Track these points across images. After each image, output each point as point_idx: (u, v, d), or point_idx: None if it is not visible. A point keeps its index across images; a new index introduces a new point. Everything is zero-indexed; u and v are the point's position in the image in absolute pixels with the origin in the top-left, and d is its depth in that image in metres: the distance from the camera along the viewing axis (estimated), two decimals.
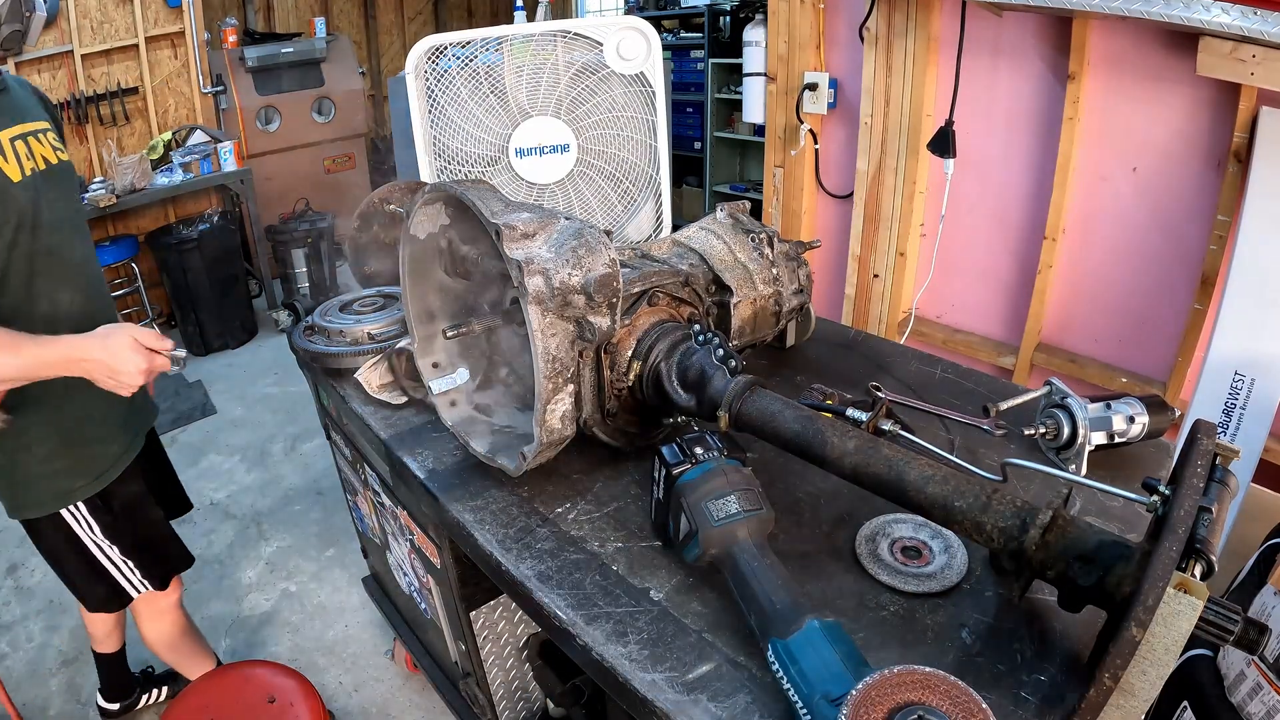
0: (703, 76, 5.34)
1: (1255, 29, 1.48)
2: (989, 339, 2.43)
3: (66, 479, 1.44)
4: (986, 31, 2.11)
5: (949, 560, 0.91)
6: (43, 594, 2.39)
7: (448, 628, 1.54)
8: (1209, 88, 1.78)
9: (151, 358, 1.20)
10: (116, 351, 1.17)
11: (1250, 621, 0.63)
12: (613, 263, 0.95)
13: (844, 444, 0.85)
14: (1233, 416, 1.76)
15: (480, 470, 1.12)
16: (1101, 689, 0.62)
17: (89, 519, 1.50)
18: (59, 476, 1.43)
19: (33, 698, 2.02)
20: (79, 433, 1.42)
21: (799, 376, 1.38)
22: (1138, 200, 2.00)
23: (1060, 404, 1.08)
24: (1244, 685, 1.21)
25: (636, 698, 0.77)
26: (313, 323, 1.48)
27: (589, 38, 1.49)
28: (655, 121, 1.57)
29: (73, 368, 1.17)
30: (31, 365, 1.16)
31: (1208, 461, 0.72)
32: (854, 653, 0.70)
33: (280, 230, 4.38)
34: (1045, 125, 2.11)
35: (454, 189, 0.98)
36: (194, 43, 4.25)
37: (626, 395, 1.06)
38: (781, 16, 2.54)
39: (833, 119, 2.62)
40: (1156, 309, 2.04)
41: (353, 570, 2.40)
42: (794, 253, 1.32)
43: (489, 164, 1.52)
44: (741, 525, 0.83)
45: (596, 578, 0.92)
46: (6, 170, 1.27)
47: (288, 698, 1.40)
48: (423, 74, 1.44)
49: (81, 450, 1.44)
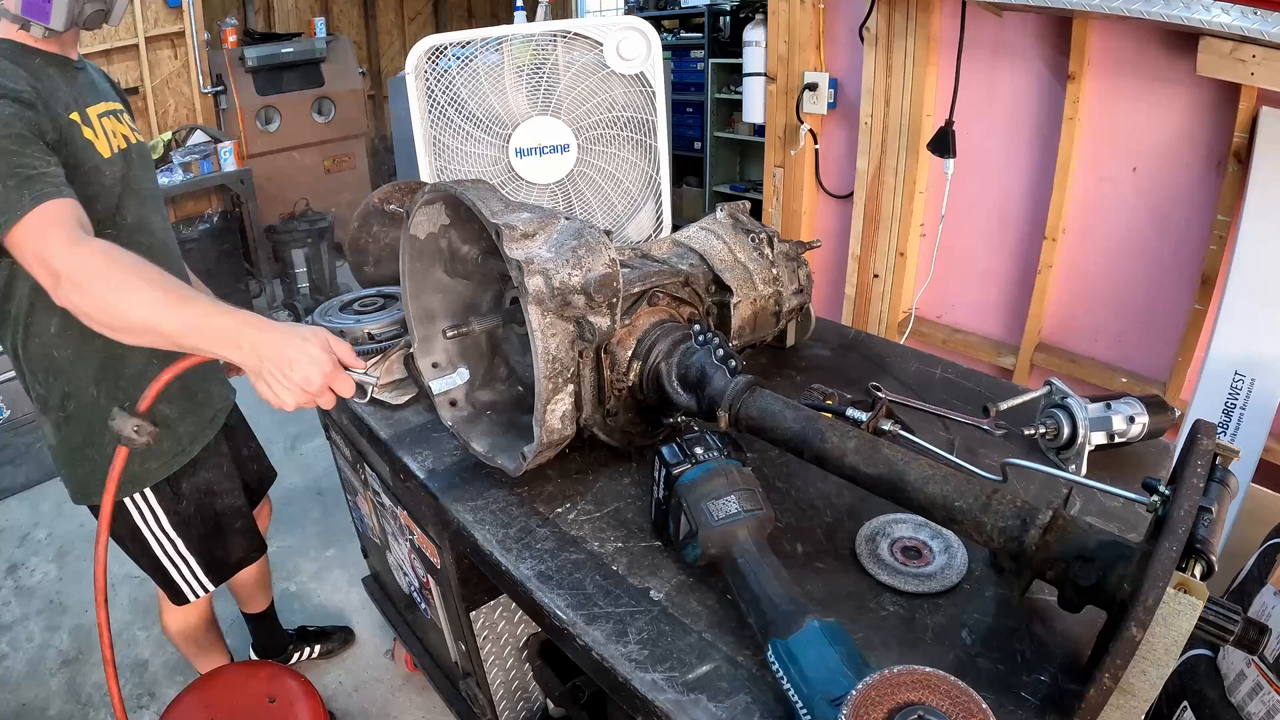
0: (703, 76, 5.34)
1: (1255, 29, 1.48)
2: (989, 339, 2.43)
3: (138, 461, 1.36)
4: (986, 31, 2.11)
5: (949, 560, 0.91)
6: (43, 594, 2.39)
7: (448, 628, 1.54)
8: (1209, 88, 1.78)
9: (337, 371, 0.95)
10: (301, 347, 0.92)
11: (1250, 621, 0.63)
12: (613, 263, 0.95)
13: (844, 444, 0.85)
14: (1233, 416, 1.76)
15: (480, 470, 1.12)
16: (1101, 689, 0.62)
17: (155, 508, 1.43)
18: (129, 460, 1.30)
19: (33, 698, 2.02)
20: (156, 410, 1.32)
21: (799, 376, 1.38)
22: (1138, 200, 2.00)
23: (1060, 404, 1.08)
24: (1244, 685, 1.21)
25: (636, 698, 0.77)
26: (313, 322, 1.48)
27: (589, 38, 1.49)
28: (655, 121, 1.57)
29: (238, 347, 0.93)
30: (193, 327, 0.94)
31: (1208, 461, 0.72)
32: (854, 653, 0.70)
33: (280, 230, 4.38)
34: (1045, 125, 2.11)
35: (454, 189, 0.98)
36: (194, 43, 4.25)
37: (626, 395, 1.06)
38: (781, 16, 2.54)
39: (833, 119, 2.62)
40: (1156, 309, 2.04)
41: (353, 570, 2.40)
42: (794, 253, 1.32)
43: (489, 164, 1.52)
44: (741, 525, 0.83)
45: (596, 578, 0.92)
46: (98, 146, 1.25)
47: (288, 698, 1.40)
48: (423, 74, 1.44)
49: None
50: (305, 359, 0.92)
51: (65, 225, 1.00)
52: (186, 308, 0.94)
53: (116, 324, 0.95)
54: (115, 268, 0.96)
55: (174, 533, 1.47)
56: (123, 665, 2.10)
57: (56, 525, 2.71)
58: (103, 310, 0.95)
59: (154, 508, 1.43)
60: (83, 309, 0.96)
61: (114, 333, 0.96)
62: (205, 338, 0.94)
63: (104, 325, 0.96)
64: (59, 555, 2.56)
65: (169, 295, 0.94)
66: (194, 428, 1.46)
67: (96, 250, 0.98)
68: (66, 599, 2.36)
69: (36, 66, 1.20)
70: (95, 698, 2.01)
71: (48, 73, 1.21)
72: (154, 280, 0.95)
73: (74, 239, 0.99)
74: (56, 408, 1.33)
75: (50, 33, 1.20)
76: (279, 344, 0.92)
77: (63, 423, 1.34)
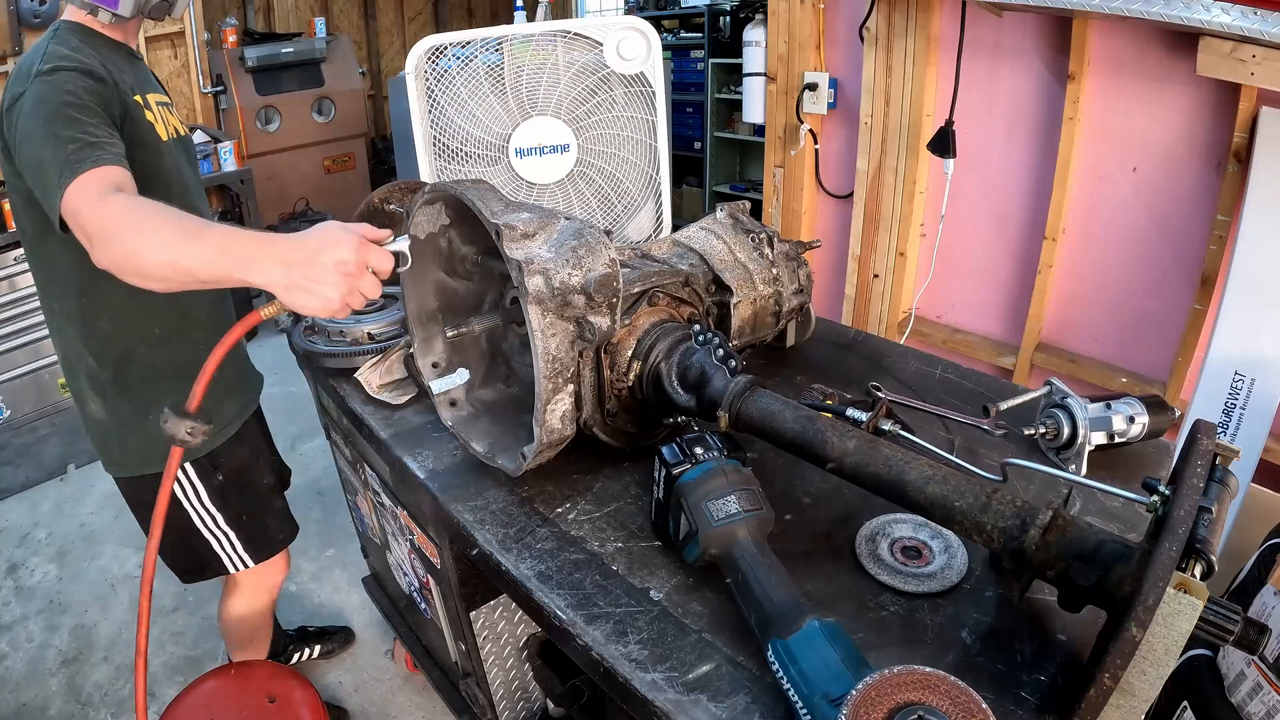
0: (703, 76, 5.34)
1: (1255, 29, 1.48)
2: (989, 339, 2.43)
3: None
4: (986, 31, 2.11)
5: (949, 560, 0.91)
6: (43, 594, 2.39)
7: (448, 628, 1.54)
8: (1209, 88, 1.78)
9: (367, 246, 0.89)
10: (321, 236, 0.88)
11: (1250, 621, 0.63)
12: (613, 263, 0.95)
13: (844, 444, 0.85)
14: (1233, 416, 1.76)
15: (480, 470, 1.12)
16: (1101, 689, 0.62)
17: (195, 482, 1.45)
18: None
19: (33, 698, 2.02)
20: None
21: (799, 376, 1.38)
22: (1138, 200, 2.00)
23: (1060, 404, 1.08)
24: (1244, 685, 1.21)
25: (636, 698, 0.77)
26: (313, 323, 1.48)
27: (589, 38, 1.49)
28: (655, 121, 1.57)
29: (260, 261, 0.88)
30: (213, 255, 0.90)
31: (1208, 461, 0.72)
32: (854, 653, 0.70)
33: (280, 230, 4.38)
34: (1045, 125, 2.11)
35: (454, 189, 0.98)
36: (194, 43, 4.25)
37: (626, 395, 1.06)
38: (781, 16, 2.54)
39: (833, 119, 2.62)
40: (1156, 309, 2.04)
41: (353, 570, 2.40)
42: (794, 253, 1.32)
43: (489, 164, 1.52)
44: (741, 525, 0.83)
45: (596, 578, 0.92)
46: (158, 129, 1.29)
47: (288, 697, 1.40)
48: (423, 74, 1.44)
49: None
50: (330, 242, 0.87)
51: (102, 185, 1.01)
52: (203, 238, 0.91)
53: (142, 267, 0.93)
54: (134, 213, 0.96)
55: (211, 505, 1.49)
56: (123, 666, 2.10)
57: (56, 525, 2.71)
58: (127, 256, 0.93)
59: (193, 480, 1.45)
60: (115, 261, 0.94)
61: (141, 278, 0.94)
62: (228, 263, 0.89)
63: (131, 272, 0.94)
64: (59, 555, 2.56)
65: (185, 229, 0.92)
66: (235, 407, 1.51)
67: (119, 201, 0.98)
68: (66, 599, 2.36)
69: (106, 51, 1.24)
70: (95, 698, 2.01)
71: (115, 59, 1.26)
72: (170, 218, 0.94)
73: (101, 196, 0.99)
74: (109, 380, 1.35)
75: (117, 19, 1.25)
76: (299, 242, 0.88)
77: (116, 395, 1.36)
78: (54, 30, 1.23)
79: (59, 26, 1.24)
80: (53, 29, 1.23)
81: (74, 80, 1.11)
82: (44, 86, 1.10)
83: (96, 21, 1.25)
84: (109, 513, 2.75)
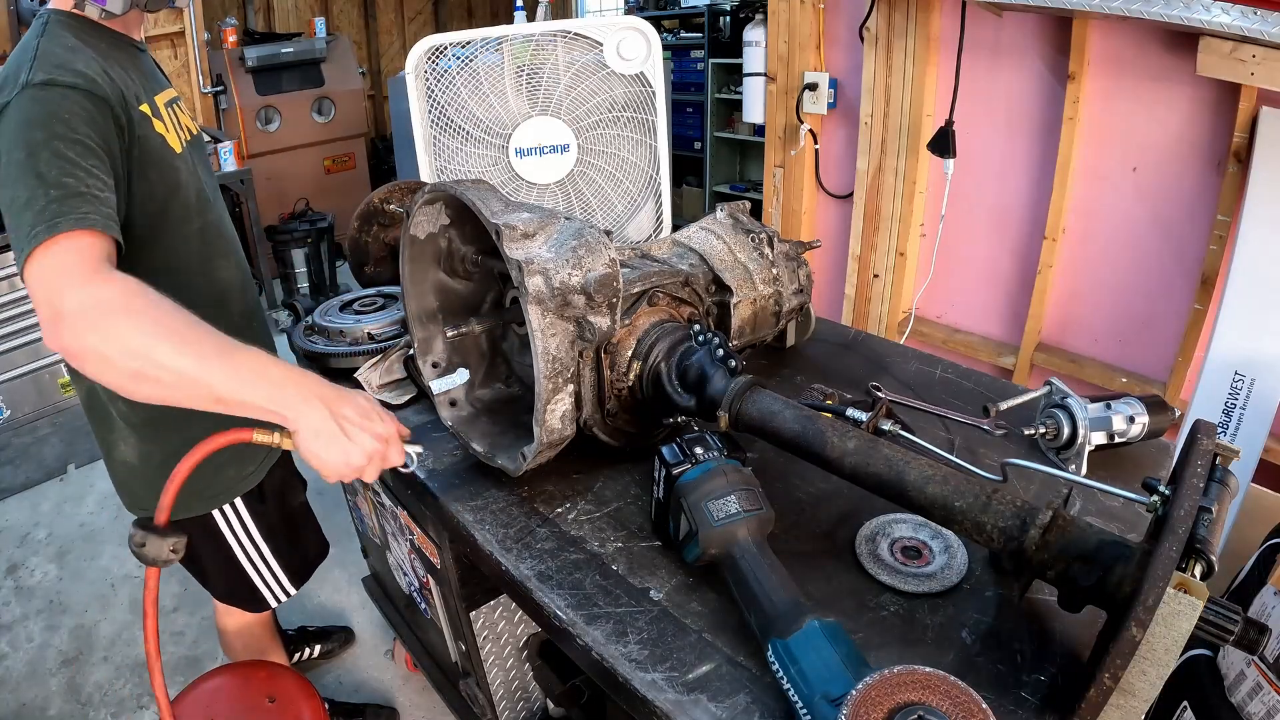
0: (703, 76, 5.34)
1: (1255, 29, 1.48)
2: (989, 339, 2.43)
3: (235, 466, 1.27)
4: (986, 31, 2.11)
5: (949, 560, 0.91)
6: (43, 594, 2.39)
7: (448, 628, 1.54)
8: (1209, 88, 1.78)
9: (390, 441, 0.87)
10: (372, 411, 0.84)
11: (1250, 621, 0.63)
12: (613, 263, 0.95)
13: (844, 444, 0.85)
14: (1233, 416, 1.76)
15: (480, 470, 1.12)
16: (1101, 689, 0.62)
17: (244, 515, 1.34)
18: (226, 467, 1.25)
19: (33, 698, 2.02)
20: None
21: (799, 376, 1.38)
22: (1138, 200, 2.00)
23: (1060, 404, 1.08)
24: (1244, 685, 1.21)
25: (636, 698, 0.77)
26: (313, 322, 1.48)
27: (589, 38, 1.49)
28: (655, 121, 1.57)
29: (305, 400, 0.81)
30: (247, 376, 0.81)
31: (1208, 461, 0.72)
32: (854, 653, 0.70)
33: (280, 230, 4.38)
34: (1045, 125, 2.11)
35: (454, 189, 0.98)
36: (194, 43, 4.25)
37: (626, 395, 1.06)
38: (781, 16, 2.54)
39: (833, 119, 2.62)
40: (1156, 309, 2.04)
41: (353, 570, 2.40)
42: (794, 253, 1.32)
43: (489, 164, 1.52)
44: (741, 525, 0.83)
45: (596, 578, 0.92)
46: (170, 141, 1.15)
47: (288, 697, 1.40)
48: (423, 74, 1.44)
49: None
50: (376, 413, 0.85)
51: (83, 256, 0.86)
52: (237, 354, 0.81)
53: (146, 370, 0.79)
54: (148, 306, 0.82)
55: (260, 540, 1.40)
56: (123, 666, 2.10)
57: (56, 525, 2.71)
58: (127, 353, 0.79)
59: (243, 516, 1.35)
60: (95, 351, 0.80)
61: (134, 381, 0.80)
62: (260, 390, 0.80)
63: (122, 371, 0.80)
64: (59, 555, 2.56)
65: (212, 341, 0.81)
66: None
67: (128, 284, 0.84)
68: (66, 599, 2.36)
69: (105, 48, 1.08)
70: (95, 698, 2.01)
71: (116, 56, 1.10)
72: (192, 323, 0.82)
73: (98, 268, 0.85)
74: (142, 423, 1.23)
75: (107, 15, 1.08)
76: (346, 395, 0.84)
77: (150, 438, 1.24)
78: (43, 24, 1.05)
79: (48, 19, 1.06)
80: (41, 21, 1.06)
81: (70, 103, 0.95)
82: (33, 104, 0.93)
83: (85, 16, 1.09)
84: (109, 513, 2.75)
